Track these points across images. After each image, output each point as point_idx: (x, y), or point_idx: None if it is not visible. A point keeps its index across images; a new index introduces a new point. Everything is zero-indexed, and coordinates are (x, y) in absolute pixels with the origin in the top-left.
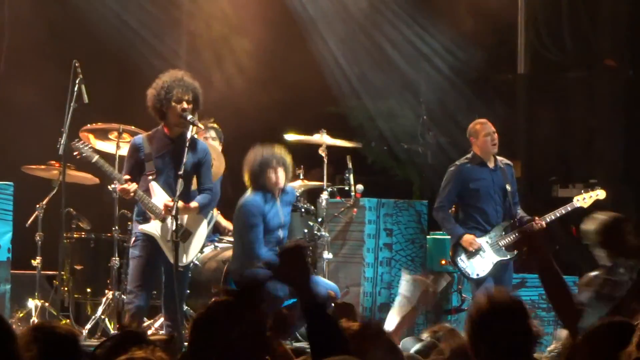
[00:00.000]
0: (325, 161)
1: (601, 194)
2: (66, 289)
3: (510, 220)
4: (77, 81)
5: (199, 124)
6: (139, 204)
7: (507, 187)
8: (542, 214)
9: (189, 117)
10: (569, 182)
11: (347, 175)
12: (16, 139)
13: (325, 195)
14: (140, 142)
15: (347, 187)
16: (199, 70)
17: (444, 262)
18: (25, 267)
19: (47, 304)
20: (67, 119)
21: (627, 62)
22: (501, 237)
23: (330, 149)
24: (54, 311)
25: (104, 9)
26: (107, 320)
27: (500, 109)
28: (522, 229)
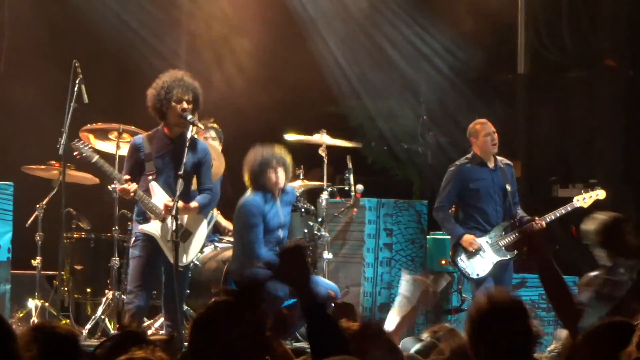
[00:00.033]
0: (325, 161)
1: (601, 194)
2: (66, 289)
3: (510, 220)
4: (77, 81)
5: (199, 124)
6: (138, 204)
7: (507, 187)
8: (542, 214)
9: (189, 117)
10: (569, 182)
11: (347, 175)
12: (16, 139)
13: (325, 195)
14: (140, 142)
15: (347, 187)
16: (199, 70)
17: (444, 262)
18: (25, 267)
19: (47, 304)
20: (67, 119)
21: (627, 62)
22: (501, 237)
23: (330, 149)
24: (54, 311)
25: (104, 9)
26: (107, 320)
27: (500, 109)
28: (522, 229)
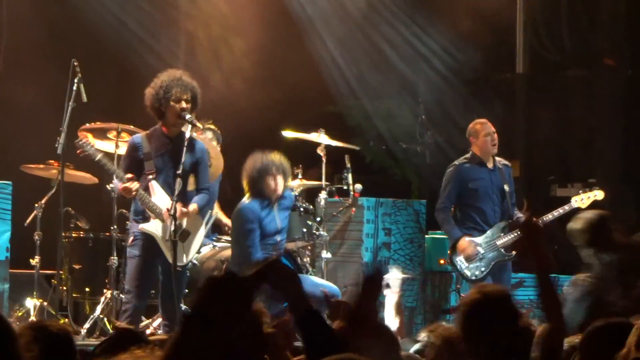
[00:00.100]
0: (323, 160)
1: (599, 194)
2: (65, 288)
3: (508, 220)
4: (76, 80)
5: (198, 124)
6: (135, 203)
7: (505, 187)
8: (540, 213)
9: (188, 116)
10: (568, 182)
11: (345, 174)
12: (15, 139)
13: (323, 194)
14: (139, 141)
15: (345, 187)
16: (197, 70)
17: (442, 261)
18: (23, 267)
19: (45, 303)
20: (66, 118)
21: (626, 61)
22: (499, 237)
23: (328, 148)
24: (53, 310)
25: (102, 9)
26: (105, 319)
27: (499, 108)
28: (524, 225)
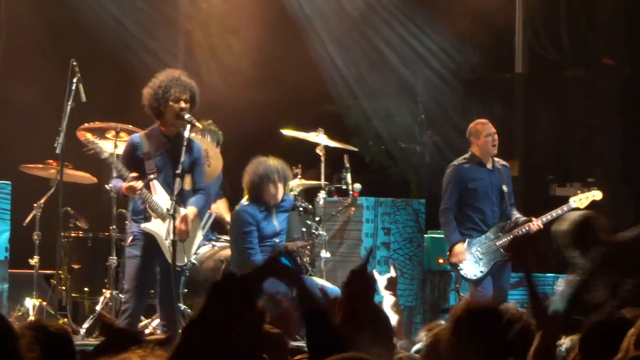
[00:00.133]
0: (322, 160)
1: (597, 194)
2: (64, 288)
3: (507, 221)
4: (75, 80)
5: (197, 123)
6: (134, 203)
7: (504, 188)
8: (539, 212)
9: (187, 116)
10: (567, 181)
11: (344, 174)
12: (14, 138)
13: (322, 194)
14: (138, 140)
15: (344, 186)
16: (196, 69)
17: (441, 261)
18: (23, 266)
19: (44, 303)
20: (65, 118)
21: (626, 61)
22: (498, 237)
23: (327, 148)
24: (52, 310)
25: (101, 9)
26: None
27: (498, 108)
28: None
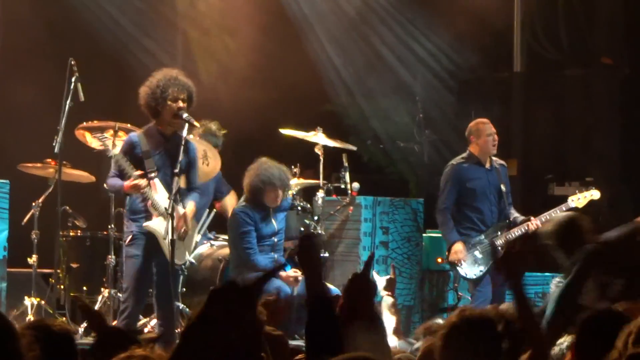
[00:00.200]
0: (321, 159)
1: (595, 194)
2: (62, 287)
3: (505, 220)
4: (73, 79)
5: (195, 122)
6: (133, 202)
7: (502, 187)
8: (538, 211)
9: (185, 115)
10: (565, 180)
11: (342, 173)
12: (12, 137)
13: (321, 193)
14: (136, 139)
15: (343, 185)
16: (195, 70)
17: (440, 260)
18: (21, 265)
19: (43, 302)
20: (63, 117)
21: (624, 60)
22: (497, 237)
23: (326, 147)
24: (50, 309)
25: (100, 9)
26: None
27: (496, 107)
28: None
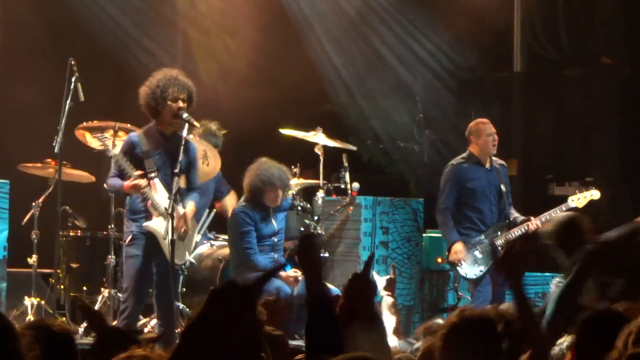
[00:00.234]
0: (321, 159)
1: (595, 194)
2: (62, 287)
3: (505, 220)
4: (73, 79)
5: (195, 122)
6: (132, 202)
7: (502, 187)
8: (538, 211)
9: (185, 115)
10: (565, 180)
11: (342, 173)
12: (12, 137)
13: (321, 193)
14: (136, 139)
15: (343, 185)
16: (195, 70)
17: (440, 260)
18: (21, 265)
19: (43, 302)
20: (63, 117)
21: (624, 60)
22: (497, 237)
23: (326, 147)
24: (50, 309)
25: (100, 9)
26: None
27: (496, 107)
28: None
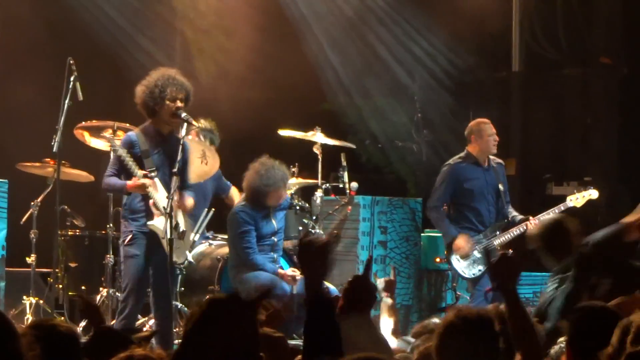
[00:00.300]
0: (319, 159)
1: (594, 193)
2: (61, 286)
3: (503, 220)
4: (72, 79)
5: (194, 122)
6: (131, 201)
7: (500, 186)
8: (536, 211)
9: (183, 114)
10: (564, 180)
11: (341, 172)
12: (11, 137)
13: (319, 192)
14: (135, 138)
15: (341, 185)
16: (193, 70)
17: (438, 259)
18: (19, 265)
19: (41, 302)
20: (62, 117)
21: (622, 59)
22: (495, 237)
23: (324, 147)
24: (49, 308)
25: (98, 9)
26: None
27: (495, 107)
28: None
